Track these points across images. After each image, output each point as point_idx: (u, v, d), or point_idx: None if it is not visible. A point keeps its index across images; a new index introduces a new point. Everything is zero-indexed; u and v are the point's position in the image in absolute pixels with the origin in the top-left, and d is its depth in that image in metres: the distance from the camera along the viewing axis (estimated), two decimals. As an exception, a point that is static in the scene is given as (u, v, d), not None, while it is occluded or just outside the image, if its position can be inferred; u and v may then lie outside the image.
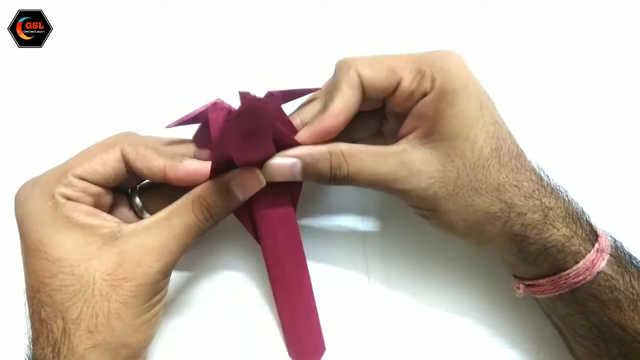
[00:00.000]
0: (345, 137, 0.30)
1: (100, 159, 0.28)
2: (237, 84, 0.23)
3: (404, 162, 0.28)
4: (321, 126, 0.28)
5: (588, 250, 0.28)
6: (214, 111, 0.23)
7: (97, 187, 0.28)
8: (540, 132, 0.38)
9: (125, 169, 0.29)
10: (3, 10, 0.40)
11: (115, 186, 0.30)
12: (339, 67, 0.29)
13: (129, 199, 0.31)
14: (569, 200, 0.29)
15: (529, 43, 0.40)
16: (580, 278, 0.27)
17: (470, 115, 0.27)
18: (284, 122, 0.29)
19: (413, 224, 0.36)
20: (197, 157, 0.30)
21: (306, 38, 0.40)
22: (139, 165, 0.28)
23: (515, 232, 0.28)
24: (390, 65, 0.28)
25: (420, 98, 0.28)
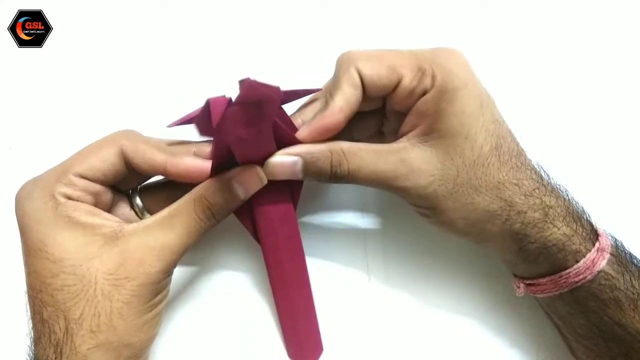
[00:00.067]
0: (345, 137, 0.30)
1: (99, 156, 0.28)
2: (236, 83, 0.23)
3: (403, 160, 0.28)
4: (322, 123, 0.28)
5: (588, 250, 0.28)
6: (215, 100, 0.23)
7: (97, 185, 0.28)
8: (541, 131, 0.38)
9: (125, 165, 0.28)
10: (3, 10, 0.40)
11: (115, 184, 0.30)
12: (340, 64, 0.29)
13: (130, 200, 0.31)
14: (569, 199, 0.29)
15: (529, 42, 0.40)
16: (580, 277, 0.27)
17: (470, 113, 0.27)
18: (285, 121, 0.29)
19: (414, 222, 0.36)
20: (197, 155, 0.30)
21: (306, 38, 0.40)
22: (139, 161, 0.28)
23: (515, 231, 0.28)
24: (391, 62, 0.28)
25: (421, 96, 0.28)
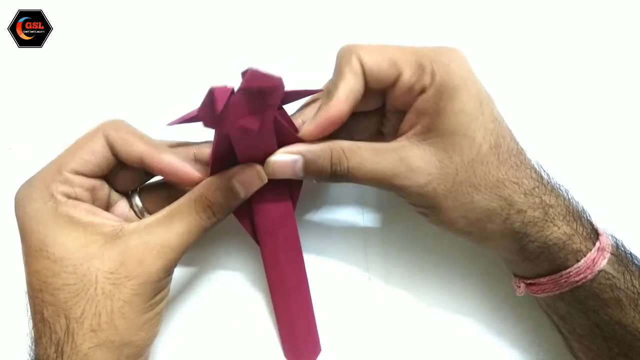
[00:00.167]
0: (345, 137, 0.30)
1: (89, 149, 0.28)
2: (237, 83, 0.23)
3: (402, 159, 0.28)
4: (327, 115, 0.28)
5: (589, 249, 0.28)
6: (219, 89, 0.23)
7: (93, 180, 0.28)
8: (541, 131, 0.38)
9: (112, 154, 0.28)
10: (3, 10, 0.40)
11: (114, 184, 0.30)
12: (341, 55, 0.29)
13: (129, 200, 0.31)
14: (569, 199, 0.29)
15: (529, 42, 0.41)
16: (581, 276, 0.27)
17: (469, 112, 0.27)
18: (286, 121, 0.29)
19: (414, 221, 0.36)
20: (198, 157, 0.30)
21: (306, 38, 0.41)
22: (119, 149, 0.28)
23: (515, 230, 0.28)
24: (392, 56, 0.28)
25: (420, 93, 0.28)
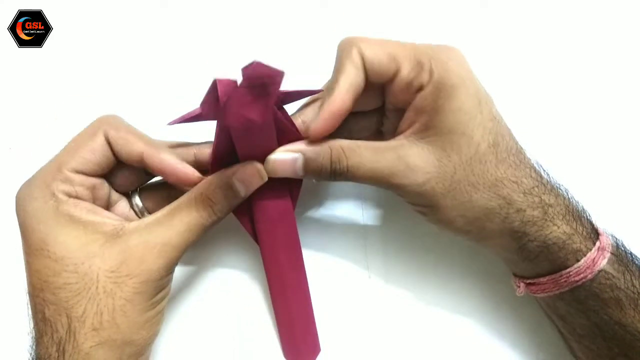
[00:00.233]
0: (345, 137, 0.30)
1: (89, 148, 0.28)
2: (239, 80, 0.23)
3: (401, 157, 0.28)
4: (331, 108, 0.28)
5: (589, 249, 0.28)
6: (222, 80, 0.23)
7: (93, 179, 0.29)
8: (541, 131, 0.38)
9: (111, 153, 0.29)
10: (3, 10, 0.41)
11: (114, 183, 0.30)
12: (342, 48, 0.29)
13: (129, 200, 0.31)
14: (569, 198, 0.29)
15: (529, 42, 0.41)
16: (581, 276, 0.27)
17: (467, 111, 0.27)
18: (286, 120, 0.29)
19: (414, 220, 0.36)
20: (198, 157, 0.30)
21: (306, 38, 0.41)
22: (119, 149, 0.28)
23: (514, 229, 0.28)
24: (392, 51, 0.28)
25: (417, 90, 0.28)
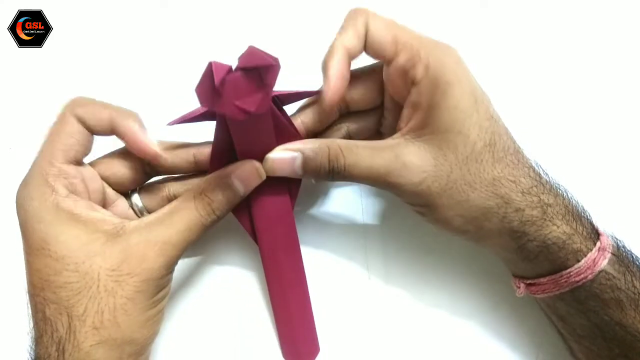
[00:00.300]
0: (344, 138, 0.30)
1: (65, 133, 0.27)
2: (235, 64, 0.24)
3: (397, 156, 0.28)
4: (330, 73, 0.28)
5: (589, 249, 0.28)
6: (217, 64, 0.23)
7: (84, 169, 0.29)
8: (540, 131, 0.38)
9: (85, 129, 0.28)
10: (3, 10, 0.41)
11: (114, 182, 0.30)
12: (350, 15, 0.29)
13: (129, 200, 0.31)
14: (569, 198, 0.29)
15: (529, 42, 0.41)
16: (581, 277, 0.27)
17: (463, 109, 0.27)
18: (285, 120, 0.29)
19: (414, 220, 0.35)
20: (197, 158, 0.30)
21: (306, 38, 0.40)
22: (89, 121, 0.28)
23: (513, 229, 0.28)
24: (397, 34, 0.28)
25: (413, 82, 0.28)
